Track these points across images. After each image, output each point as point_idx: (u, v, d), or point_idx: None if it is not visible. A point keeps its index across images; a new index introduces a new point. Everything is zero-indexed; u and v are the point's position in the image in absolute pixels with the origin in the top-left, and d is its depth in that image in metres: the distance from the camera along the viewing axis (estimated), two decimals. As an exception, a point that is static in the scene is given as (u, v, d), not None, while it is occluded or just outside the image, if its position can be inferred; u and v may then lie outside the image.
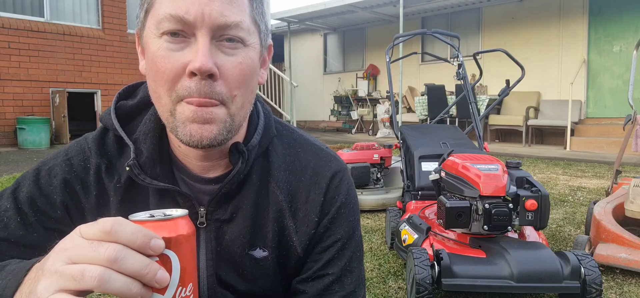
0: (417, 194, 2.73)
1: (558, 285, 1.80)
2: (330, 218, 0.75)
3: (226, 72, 0.63)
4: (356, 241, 0.78)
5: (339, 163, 0.78)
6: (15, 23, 7.26)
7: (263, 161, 0.75)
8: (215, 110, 0.63)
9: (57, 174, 0.72)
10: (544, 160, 6.47)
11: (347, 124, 11.81)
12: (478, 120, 2.94)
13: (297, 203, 0.75)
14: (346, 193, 0.77)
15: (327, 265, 0.75)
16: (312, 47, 13.18)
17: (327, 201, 0.75)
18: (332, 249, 0.75)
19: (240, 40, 0.64)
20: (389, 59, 3.34)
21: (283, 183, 0.75)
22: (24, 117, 7.10)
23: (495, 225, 1.93)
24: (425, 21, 10.76)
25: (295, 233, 0.74)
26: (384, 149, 3.96)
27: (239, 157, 0.70)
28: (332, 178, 0.76)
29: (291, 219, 0.75)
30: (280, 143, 0.78)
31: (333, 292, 0.74)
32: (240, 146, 0.70)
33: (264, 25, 0.69)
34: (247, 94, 0.67)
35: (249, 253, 0.74)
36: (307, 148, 0.79)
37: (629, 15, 8.08)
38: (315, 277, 0.75)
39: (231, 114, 0.65)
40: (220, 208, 0.73)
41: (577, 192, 4.33)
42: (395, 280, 2.25)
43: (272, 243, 0.74)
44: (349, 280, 0.76)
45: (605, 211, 2.54)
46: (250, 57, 0.66)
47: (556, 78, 8.83)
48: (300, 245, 0.75)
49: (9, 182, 4.30)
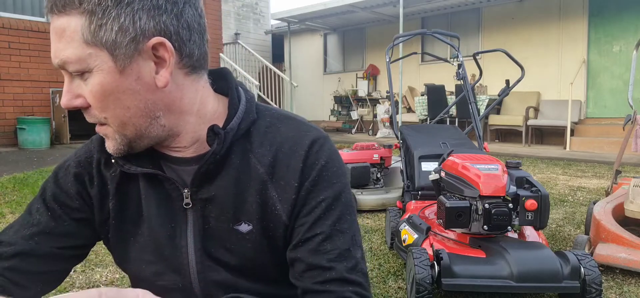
0: (417, 194, 2.73)
1: (558, 285, 1.80)
2: (312, 181, 0.75)
3: (89, 101, 0.69)
4: (344, 203, 0.77)
5: (319, 132, 0.79)
6: (15, 23, 7.26)
7: (244, 141, 0.78)
8: (106, 130, 0.72)
9: (70, 170, 0.83)
10: (543, 160, 6.47)
11: (347, 124, 11.81)
12: (478, 120, 2.94)
13: (279, 173, 0.76)
14: (328, 157, 0.77)
15: (315, 225, 0.74)
16: (312, 47, 13.18)
17: (307, 166, 0.75)
18: (317, 210, 0.74)
19: (82, 72, 0.67)
20: (389, 59, 3.35)
21: (263, 157, 0.77)
22: (24, 117, 7.10)
23: (495, 225, 1.93)
24: (425, 21, 10.76)
25: (279, 202, 0.76)
26: (384, 148, 3.96)
27: (215, 138, 0.74)
28: (312, 145, 0.77)
29: (274, 189, 0.76)
30: (262, 122, 0.80)
31: (325, 250, 0.73)
32: (216, 128, 0.74)
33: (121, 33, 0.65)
34: (120, 111, 0.70)
35: (234, 228, 0.77)
36: (288, 122, 0.80)
37: (629, 15, 8.08)
38: (305, 239, 0.74)
39: (118, 131, 0.71)
40: (203, 188, 0.77)
41: (577, 192, 4.33)
42: (395, 280, 2.25)
43: (257, 215, 0.76)
44: (342, 239, 0.74)
45: (605, 211, 2.54)
46: (98, 83, 0.67)
47: (556, 78, 8.83)
48: (285, 213, 0.76)
49: (9, 182, 4.30)
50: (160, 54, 0.68)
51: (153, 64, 0.69)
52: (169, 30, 0.68)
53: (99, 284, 2.20)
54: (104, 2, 0.64)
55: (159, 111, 0.71)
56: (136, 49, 0.67)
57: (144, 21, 0.66)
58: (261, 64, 11.43)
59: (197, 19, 0.72)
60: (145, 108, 0.70)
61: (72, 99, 0.69)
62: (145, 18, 0.66)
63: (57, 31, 0.66)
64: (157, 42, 0.67)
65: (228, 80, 0.82)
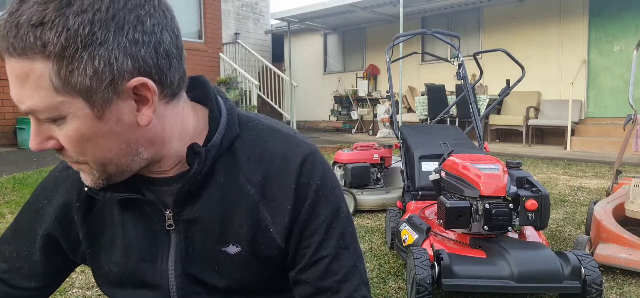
0: (417, 194, 2.72)
1: (558, 285, 1.80)
2: (310, 204, 0.73)
3: (63, 144, 0.63)
4: (343, 218, 0.76)
5: (308, 146, 0.76)
6: (15, 23, 7.26)
7: (229, 158, 0.74)
8: (81, 167, 0.68)
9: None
10: (544, 160, 6.47)
11: (347, 124, 11.80)
12: (478, 120, 2.94)
13: (271, 193, 0.73)
14: (321, 175, 0.75)
15: (320, 247, 0.73)
16: (312, 47, 13.17)
17: (301, 186, 0.73)
18: (319, 231, 0.73)
19: (52, 120, 0.61)
20: (389, 59, 3.34)
21: (253, 175, 0.73)
22: (24, 117, 7.10)
23: (495, 225, 1.93)
24: (425, 21, 10.75)
25: (272, 225, 0.73)
26: (384, 148, 3.95)
27: (196, 158, 0.70)
28: (303, 163, 0.74)
29: (266, 211, 0.73)
30: (246, 136, 0.76)
31: (334, 272, 0.73)
32: (196, 146, 0.70)
33: (96, 78, 0.58)
34: (100, 153, 0.65)
35: (221, 250, 0.74)
36: (274, 135, 0.77)
37: (629, 15, 8.07)
38: (311, 263, 0.74)
39: (97, 169, 0.67)
40: (185, 208, 0.73)
41: (578, 192, 4.33)
42: (395, 280, 2.25)
43: (247, 237, 0.73)
44: (346, 256, 0.75)
45: (605, 211, 2.53)
46: (73, 129, 0.61)
47: (556, 78, 8.82)
48: (279, 236, 0.73)
49: (8, 182, 4.29)
50: (141, 93, 0.62)
51: (134, 102, 0.63)
52: (148, 65, 0.61)
53: (98, 284, 2.20)
54: (72, 45, 0.56)
55: (141, 147, 0.67)
56: (115, 91, 0.60)
57: (121, 62, 0.59)
58: (261, 64, 11.42)
59: (174, 41, 0.65)
60: (127, 147, 0.66)
61: (42, 142, 0.63)
62: (122, 57, 0.59)
63: (19, 75, 0.58)
64: (138, 83, 0.61)
65: (206, 90, 0.76)
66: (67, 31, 0.55)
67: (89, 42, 0.56)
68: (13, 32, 0.56)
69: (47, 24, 0.55)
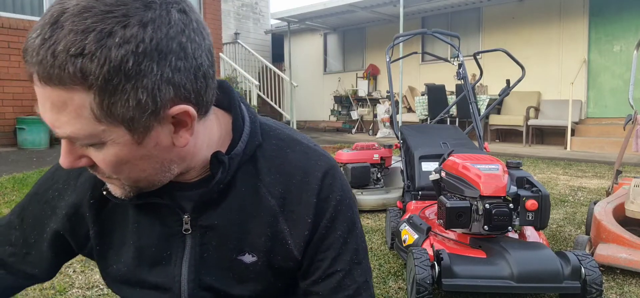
0: (417, 194, 2.72)
1: (558, 285, 1.80)
2: (329, 219, 0.74)
3: (100, 165, 0.63)
4: (358, 234, 0.78)
5: (328, 160, 0.78)
6: (15, 23, 7.25)
7: (250, 167, 0.74)
8: (112, 181, 0.67)
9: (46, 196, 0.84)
10: (544, 160, 6.47)
11: (347, 124, 11.81)
12: (478, 120, 2.94)
13: (290, 206, 0.74)
14: (341, 191, 0.76)
15: (335, 262, 0.75)
16: (312, 47, 13.17)
17: (321, 201, 0.74)
18: (335, 246, 0.75)
19: (92, 145, 0.60)
20: (389, 59, 3.34)
21: (274, 187, 0.74)
22: (24, 117, 7.10)
23: (495, 225, 1.93)
24: (425, 21, 10.75)
25: (290, 236, 0.74)
26: (384, 148, 3.95)
27: (219, 167, 0.70)
28: (324, 178, 0.75)
29: (285, 223, 0.74)
30: (268, 145, 0.76)
31: (346, 286, 0.75)
32: (220, 155, 0.70)
33: (134, 111, 0.57)
34: (135, 173, 0.65)
35: (237, 259, 0.75)
36: (296, 147, 0.77)
37: (629, 15, 8.07)
38: (325, 276, 0.75)
39: (128, 184, 0.67)
40: (204, 214, 0.73)
41: (578, 192, 4.33)
42: (395, 280, 2.25)
43: (264, 247, 0.74)
44: (359, 271, 0.77)
45: (605, 211, 2.53)
46: (112, 154, 0.61)
47: (556, 78, 8.82)
48: (296, 248, 0.74)
49: (8, 182, 4.29)
50: (181, 118, 0.62)
51: (172, 126, 0.62)
52: (188, 91, 0.61)
53: (98, 284, 2.19)
54: (115, 77, 0.54)
55: (174, 164, 0.67)
56: (156, 119, 0.60)
57: (163, 92, 0.58)
58: (261, 64, 11.42)
59: (211, 61, 0.64)
60: (162, 166, 0.66)
61: (75, 160, 0.62)
62: (165, 87, 0.58)
63: (55, 103, 0.56)
64: (180, 111, 0.61)
65: (231, 97, 0.76)
66: (109, 63, 0.53)
67: (132, 74, 0.55)
68: (49, 60, 0.53)
69: (88, 55, 0.53)
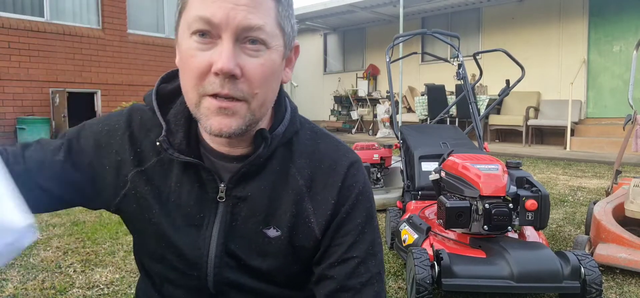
0: (417, 194, 2.72)
1: (558, 285, 1.80)
2: (350, 204, 0.79)
3: (248, 73, 0.68)
4: (375, 227, 0.83)
5: (355, 155, 0.86)
6: (15, 23, 7.25)
7: (285, 150, 0.81)
8: (237, 106, 0.69)
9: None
10: (544, 160, 6.47)
11: (347, 124, 11.81)
12: (478, 120, 2.94)
13: (316, 188, 0.80)
14: (363, 183, 0.82)
15: (351, 248, 0.79)
16: (312, 47, 13.18)
17: (345, 188, 0.80)
18: (353, 232, 0.79)
19: (263, 43, 0.69)
20: (389, 59, 3.34)
21: (303, 169, 0.80)
22: (24, 117, 7.10)
23: (495, 225, 1.93)
24: (425, 21, 10.75)
25: (313, 215, 0.79)
26: (384, 148, 3.96)
27: (262, 142, 0.76)
28: (350, 167, 0.82)
29: (310, 202, 0.79)
30: (303, 134, 0.84)
31: (360, 274, 0.79)
32: (265, 132, 0.76)
33: (289, 28, 0.73)
34: (268, 92, 0.73)
35: (262, 231, 0.79)
36: (327, 140, 0.86)
37: (629, 15, 8.08)
38: (341, 260, 0.79)
39: (252, 110, 0.71)
40: (239, 186, 0.79)
41: (577, 192, 4.33)
42: (395, 280, 2.25)
43: (288, 223, 0.79)
44: (374, 263, 0.80)
45: (605, 211, 2.53)
46: (272, 60, 0.70)
47: (556, 78, 8.83)
48: (318, 226, 0.79)
49: (9, 182, 4.29)
50: (291, 54, 0.77)
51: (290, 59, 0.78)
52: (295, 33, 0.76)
53: (98, 284, 2.20)
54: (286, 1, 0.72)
55: (270, 104, 0.77)
56: (291, 45, 0.76)
57: (294, 28, 0.76)
58: (261, 64, 11.42)
59: None
60: (273, 96, 0.76)
61: (235, 65, 0.67)
62: (294, 24, 0.75)
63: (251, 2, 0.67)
64: (297, 44, 0.78)
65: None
66: None
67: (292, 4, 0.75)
68: None
69: None
